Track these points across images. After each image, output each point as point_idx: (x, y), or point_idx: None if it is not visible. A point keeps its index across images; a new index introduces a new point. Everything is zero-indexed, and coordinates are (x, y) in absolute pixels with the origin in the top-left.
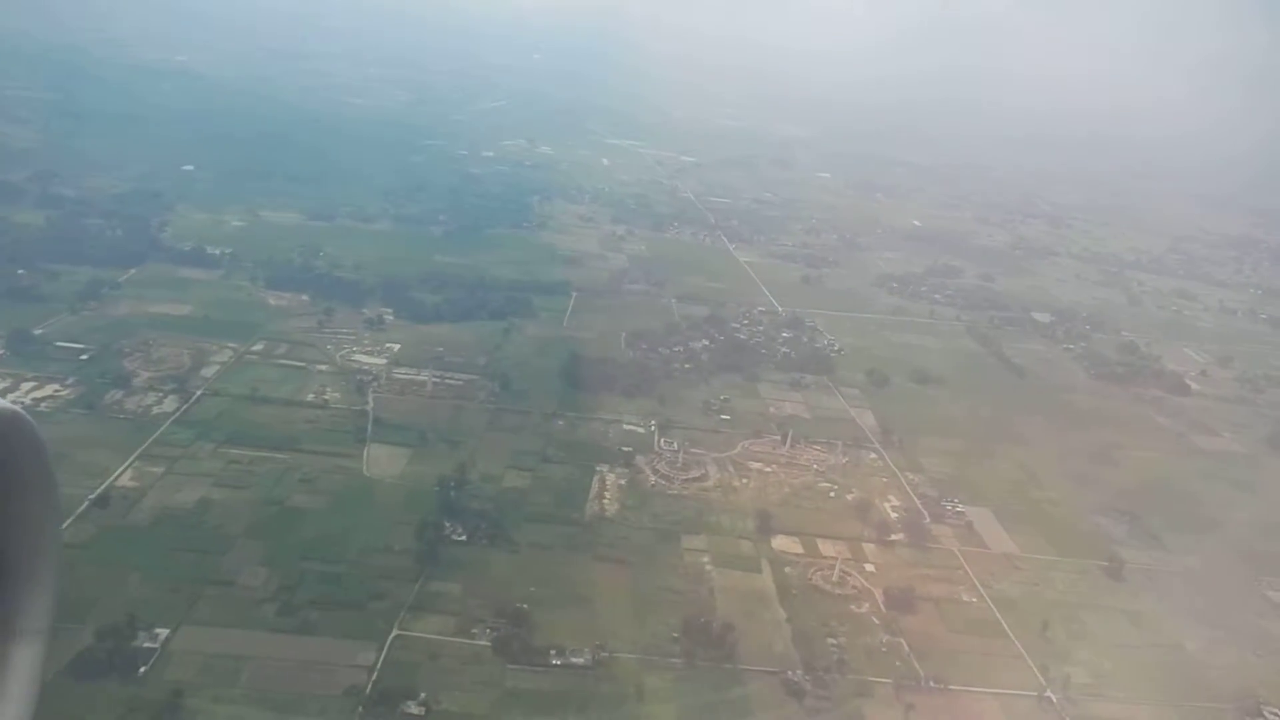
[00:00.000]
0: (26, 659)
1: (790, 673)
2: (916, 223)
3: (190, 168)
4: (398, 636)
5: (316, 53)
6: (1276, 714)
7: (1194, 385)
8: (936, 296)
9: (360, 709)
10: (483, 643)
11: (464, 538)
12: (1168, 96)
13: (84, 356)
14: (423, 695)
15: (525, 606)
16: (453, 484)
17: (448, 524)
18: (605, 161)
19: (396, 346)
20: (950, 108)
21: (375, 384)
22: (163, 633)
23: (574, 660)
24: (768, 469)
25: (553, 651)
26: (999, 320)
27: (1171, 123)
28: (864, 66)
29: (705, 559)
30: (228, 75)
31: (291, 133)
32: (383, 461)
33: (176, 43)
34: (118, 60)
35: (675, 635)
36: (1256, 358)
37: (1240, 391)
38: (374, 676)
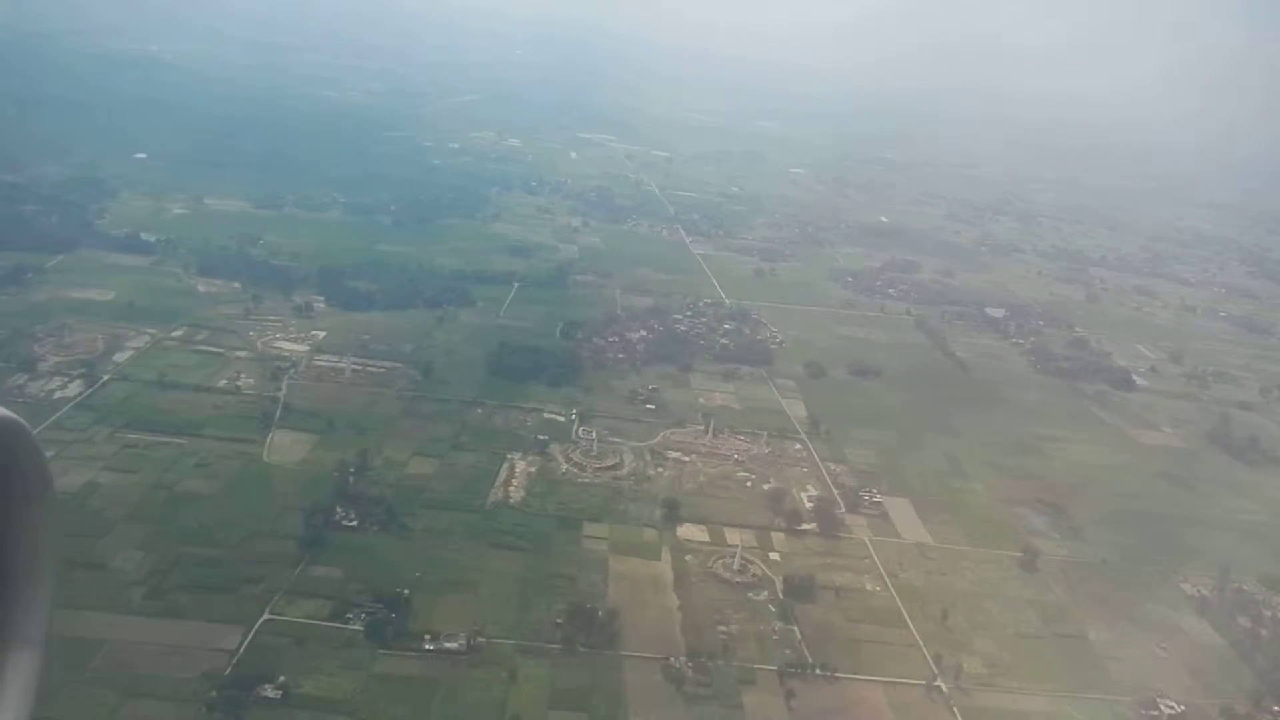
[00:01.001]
0: (24, 667)
1: (673, 659)
2: (883, 219)
3: (142, 156)
4: (268, 621)
5: (295, 45)
6: (1173, 706)
7: (1140, 380)
8: (890, 291)
9: (214, 692)
10: (356, 627)
11: (355, 523)
12: (1137, 89)
13: None
14: (282, 679)
15: (406, 592)
16: (352, 470)
17: (340, 510)
18: (573, 155)
19: (322, 334)
20: (926, 91)
21: (292, 371)
22: None
23: (448, 645)
24: (686, 458)
25: (427, 636)
26: (950, 315)
27: (1148, 111)
28: (843, 48)
29: (604, 546)
30: (199, 66)
31: (254, 123)
32: (285, 448)
33: (152, 33)
34: (86, 49)
35: (559, 621)
36: (1209, 354)
37: (1187, 387)
38: (235, 660)
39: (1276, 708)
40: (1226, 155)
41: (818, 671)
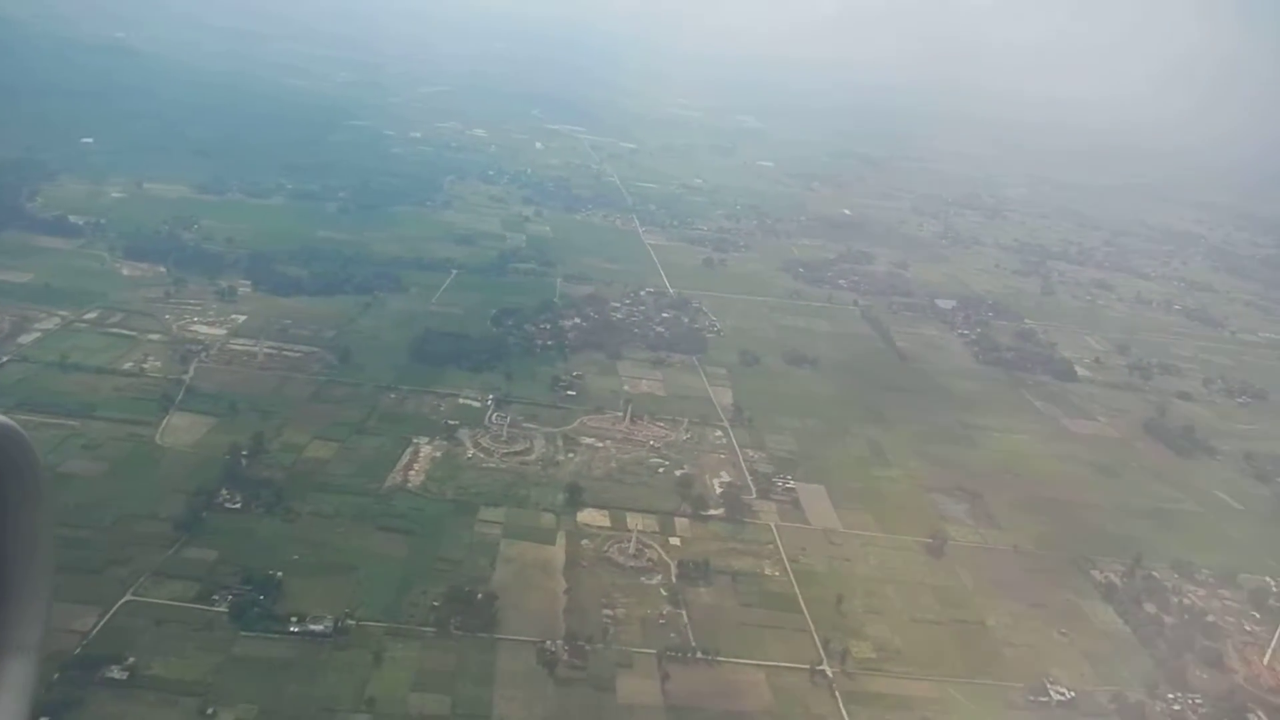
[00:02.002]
0: (20, 673)
1: (549, 642)
2: (846, 211)
3: (89, 140)
4: (128, 602)
5: (270, 34)
6: (1063, 692)
7: (1083, 371)
8: (841, 282)
9: (56, 674)
10: (220, 609)
11: (238, 505)
12: (1134, 88)
13: None
14: (130, 660)
15: (279, 574)
16: (245, 453)
17: (225, 492)
18: (538, 145)
19: (242, 318)
20: (915, 90)
21: (203, 354)
22: None
23: (313, 627)
24: (600, 444)
25: (293, 618)
26: (899, 306)
27: (1136, 114)
28: (836, 45)
29: (498, 531)
30: (166, 53)
31: (212, 110)
32: (181, 430)
33: (124, 20)
34: (50, 34)
35: (435, 604)
36: (1157, 347)
37: (1130, 378)
38: (85, 641)
39: (1172, 695)
40: (1214, 157)
41: (699, 655)
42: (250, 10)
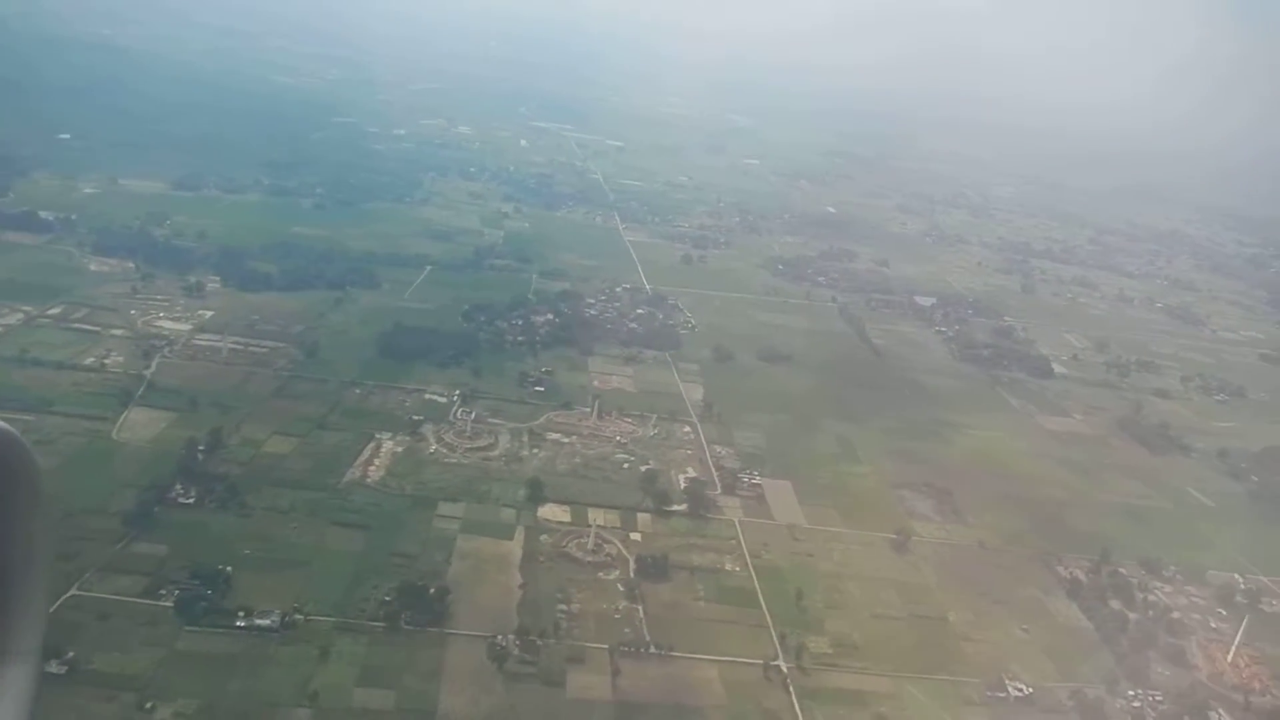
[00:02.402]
0: (19, 679)
1: (500, 637)
2: (831, 209)
3: (66, 136)
4: (73, 596)
5: (260, 31)
6: (1021, 688)
7: (1060, 369)
8: (820, 279)
9: None
10: (167, 604)
11: (191, 500)
12: (1133, 93)
13: None
14: (71, 654)
15: (229, 569)
16: (203, 448)
17: (179, 487)
18: (523, 143)
19: (209, 313)
20: (912, 95)
21: (167, 349)
22: None
23: (260, 622)
24: (566, 440)
25: (240, 613)
26: (878, 303)
27: (1136, 119)
28: (829, 49)
29: (456, 526)
30: (153, 50)
31: (194, 106)
32: (139, 426)
33: (114, 17)
34: (36, 31)
35: (386, 599)
36: (1136, 344)
37: (1107, 376)
38: None
39: (1132, 691)
40: (1213, 161)
41: (653, 650)
42: (243, 9)
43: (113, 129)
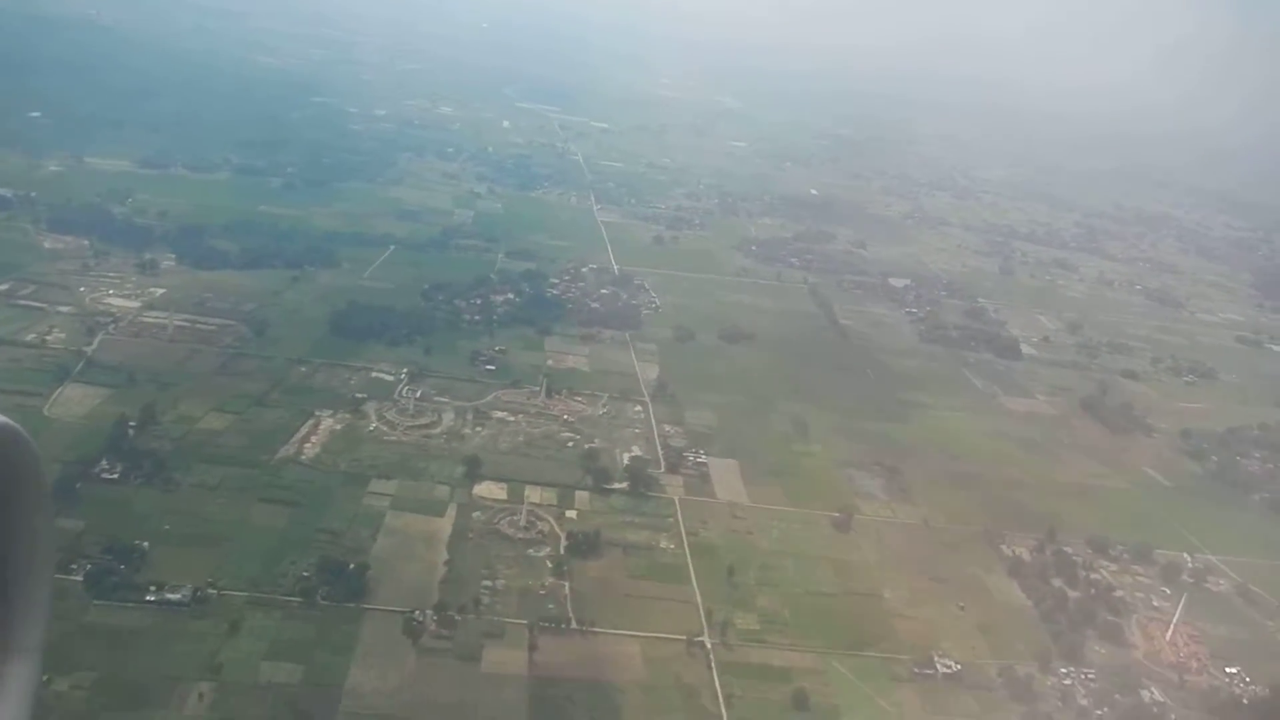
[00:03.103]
0: (21, 675)
1: (418, 612)
2: (814, 191)
3: (37, 114)
4: None
5: (248, 11)
6: (950, 665)
7: (1029, 350)
8: (794, 260)
9: None
10: (77, 578)
11: (115, 476)
12: (1132, 75)
13: None
14: None
15: (145, 544)
16: (134, 424)
17: (105, 463)
18: (505, 124)
19: (160, 291)
20: (910, 78)
21: (112, 326)
22: None
23: (170, 596)
24: (512, 418)
25: (151, 587)
26: (850, 284)
27: (1134, 101)
28: (828, 31)
29: (386, 503)
30: (136, 29)
31: (171, 85)
32: (73, 402)
33: None
34: (17, 10)
35: (305, 574)
36: (1110, 326)
37: (1076, 357)
38: None
39: (1065, 669)
40: (1209, 144)
41: (574, 626)
42: None
43: (85, 107)
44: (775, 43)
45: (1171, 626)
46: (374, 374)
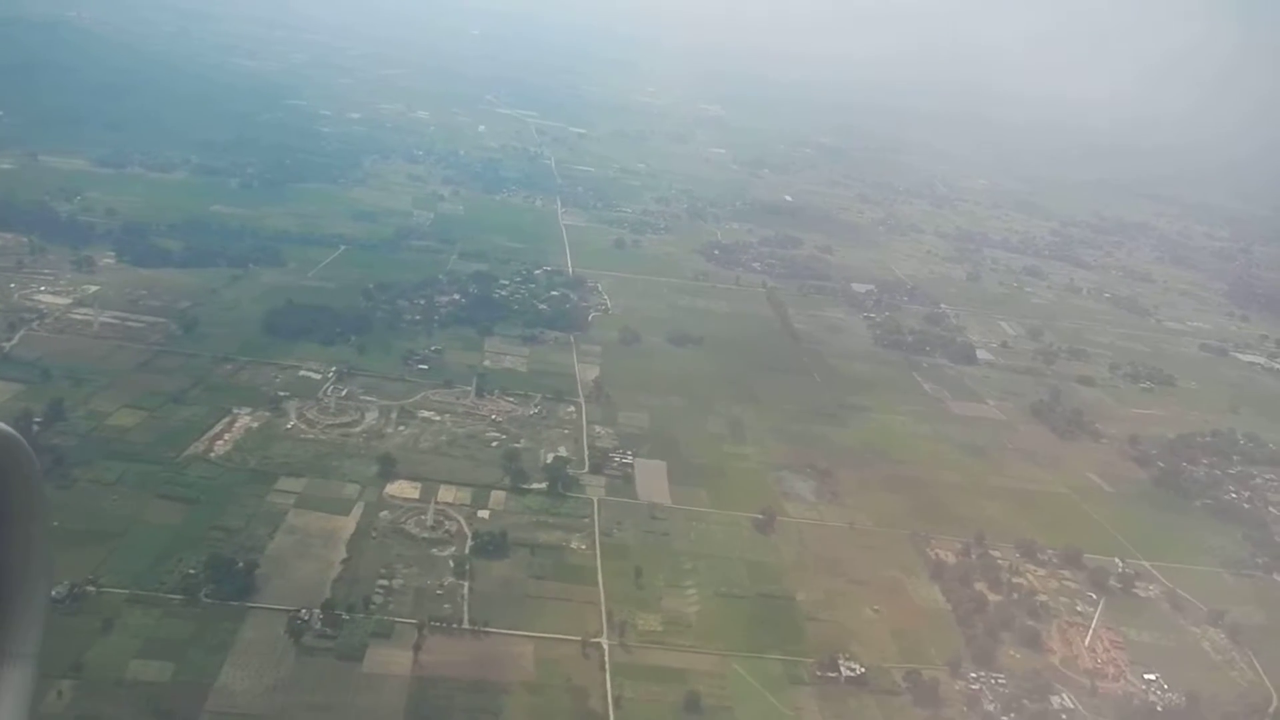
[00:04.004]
0: (18, 681)
1: (304, 611)
2: (788, 197)
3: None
4: None
5: (232, 15)
6: (853, 668)
7: (985, 355)
8: (756, 265)
9: None
10: None
11: None
12: (1128, 86)
13: None
14: None
15: None
16: (39, 420)
17: None
18: (481, 128)
19: (94, 288)
20: (907, 88)
21: (36, 322)
22: None
23: None
24: (438, 418)
25: None
26: (810, 289)
27: (1128, 113)
28: (831, 41)
29: (291, 501)
30: (116, 32)
31: (143, 87)
32: None
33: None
34: None
35: (190, 572)
36: (1073, 332)
37: (1033, 363)
38: None
39: (975, 674)
40: (1205, 156)
41: (467, 626)
42: None
43: (48, 107)
44: (773, 51)
45: (1090, 632)
46: (302, 372)
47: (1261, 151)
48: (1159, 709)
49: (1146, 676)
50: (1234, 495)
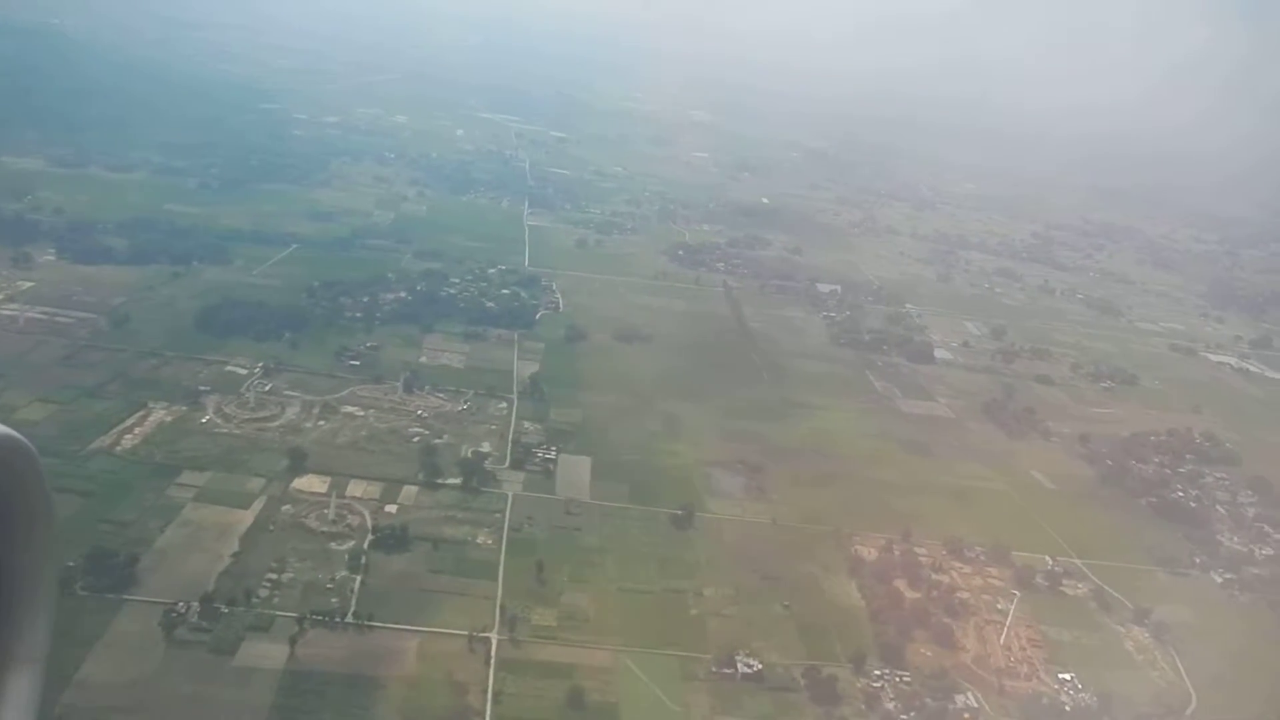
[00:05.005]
0: (25, 686)
1: (181, 604)
2: (765, 200)
3: None
4: None
5: (216, 23)
6: (751, 664)
7: (943, 354)
8: (719, 265)
9: None
10: None
11: None
12: (1137, 94)
13: None
14: None
15: None
16: None
17: None
18: (459, 132)
19: (28, 285)
20: (916, 101)
21: None
22: None
23: None
24: (361, 413)
25: None
26: (773, 289)
27: (1132, 122)
28: (850, 54)
29: (190, 494)
30: (98, 39)
31: (115, 91)
32: None
33: (65, 7)
34: None
35: (70, 564)
36: (1038, 332)
37: (992, 362)
38: None
39: (879, 671)
40: (1211, 165)
41: (350, 620)
42: (221, 5)
43: (14, 109)
44: (771, 62)
45: (1005, 629)
46: (228, 368)
47: (1267, 158)
48: (1068, 709)
49: (1061, 676)
50: (1180, 494)
